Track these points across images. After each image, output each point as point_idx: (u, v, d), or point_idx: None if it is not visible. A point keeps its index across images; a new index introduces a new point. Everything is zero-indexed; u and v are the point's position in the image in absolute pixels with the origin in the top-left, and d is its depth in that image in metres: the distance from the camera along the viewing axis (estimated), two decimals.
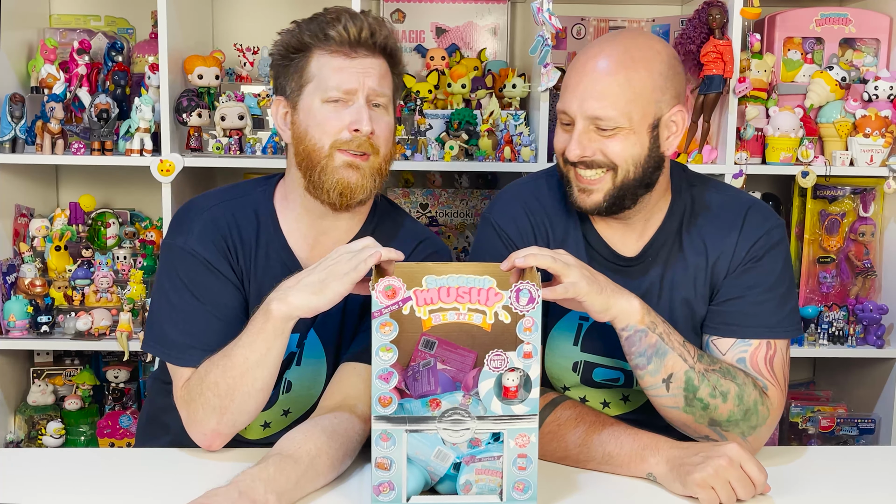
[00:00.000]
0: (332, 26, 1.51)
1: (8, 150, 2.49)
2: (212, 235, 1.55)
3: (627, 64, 1.48)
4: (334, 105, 1.51)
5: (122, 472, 1.46)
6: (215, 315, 1.52)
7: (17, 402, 2.74)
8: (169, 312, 1.54)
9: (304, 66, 1.53)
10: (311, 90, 1.53)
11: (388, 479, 1.26)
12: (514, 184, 1.73)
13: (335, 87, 1.51)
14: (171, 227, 1.61)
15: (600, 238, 1.61)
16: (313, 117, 1.52)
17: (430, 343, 1.46)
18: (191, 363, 1.50)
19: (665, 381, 1.44)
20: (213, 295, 1.53)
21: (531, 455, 1.27)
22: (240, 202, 1.61)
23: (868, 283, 2.70)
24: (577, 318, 1.61)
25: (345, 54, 1.52)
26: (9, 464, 1.52)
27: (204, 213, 1.58)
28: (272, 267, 1.57)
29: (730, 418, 1.45)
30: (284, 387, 1.60)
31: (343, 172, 1.51)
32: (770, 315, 1.53)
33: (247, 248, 1.57)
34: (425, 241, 1.66)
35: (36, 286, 2.53)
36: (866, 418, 2.73)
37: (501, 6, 2.85)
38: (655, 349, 1.42)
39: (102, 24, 2.82)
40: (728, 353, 1.52)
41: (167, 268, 1.56)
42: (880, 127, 2.51)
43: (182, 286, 1.53)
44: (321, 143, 1.51)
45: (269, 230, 1.59)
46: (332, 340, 1.60)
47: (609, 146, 1.50)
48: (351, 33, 1.51)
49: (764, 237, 1.57)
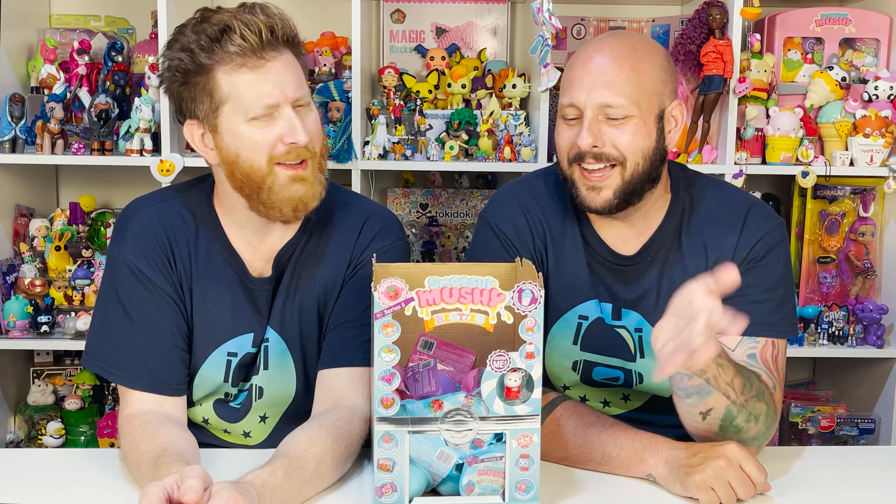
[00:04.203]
0: (228, 40, 1.39)
1: (8, 150, 2.49)
2: (145, 242, 1.51)
3: (631, 56, 1.49)
4: (260, 122, 1.42)
5: (121, 472, 1.45)
6: (143, 332, 1.49)
7: (17, 402, 2.74)
8: (102, 325, 1.52)
9: (211, 88, 1.42)
10: (228, 111, 1.43)
11: (390, 480, 1.26)
12: (511, 183, 1.72)
13: (256, 105, 1.41)
14: (111, 236, 1.58)
15: (598, 237, 1.60)
16: (242, 140, 1.43)
17: (428, 344, 1.46)
18: (123, 381, 1.50)
19: (703, 414, 1.39)
20: (143, 310, 1.50)
21: (533, 455, 1.27)
22: (175, 203, 1.56)
23: (868, 283, 2.71)
24: (577, 316, 1.61)
25: (252, 66, 1.41)
26: (9, 464, 1.52)
27: (139, 218, 1.54)
28: (215, 266, 1.54)
29: (755, 436, 1.43)
30: (256, 393, 1.58)
31: (291, 189, 1.45)
32: (770, 314, 1.53)
33: (185, 249, 1.53)
34: (371, 219, 1.60)
35: (36, 286, 2.53)
36: (866, 418, 2.73)
37: (501, 6, 2.85)
38: (699, 390, 1.37)
39: (102, 24, 2.82)
40: (737, 349, 1.51)
41: (105, 278, 1.54)
42: (880, 127, 2.51)
43: (115, 299, 1.51)
44: (258, 163, 1.43)
45: (210, 230, 1.55)
46: (296, 338, 1.56)
47: (620, 137, 1.49)
48: (251, 41, 1.39)
49: (765, 237, 1.56)
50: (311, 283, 1.55)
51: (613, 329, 1.60)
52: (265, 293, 1.55)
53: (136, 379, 1.49)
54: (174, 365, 1.51)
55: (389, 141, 2.52)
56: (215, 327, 1.54)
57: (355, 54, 2.48)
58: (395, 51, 2.85)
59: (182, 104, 1.47)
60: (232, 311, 1.54)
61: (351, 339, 1.51)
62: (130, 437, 1.42)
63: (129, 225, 1.54)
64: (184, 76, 1.43)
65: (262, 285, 1.55)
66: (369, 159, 2.52)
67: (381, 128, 2.51)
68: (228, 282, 1.54)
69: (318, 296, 1.56)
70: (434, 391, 1.33)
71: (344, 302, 1.55)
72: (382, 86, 2.63)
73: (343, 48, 2.73)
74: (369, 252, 1.55)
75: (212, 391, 1.57)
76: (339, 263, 1.56)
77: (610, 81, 1.48)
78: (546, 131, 2.50)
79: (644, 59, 1.50)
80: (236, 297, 1.54)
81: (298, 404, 1.58)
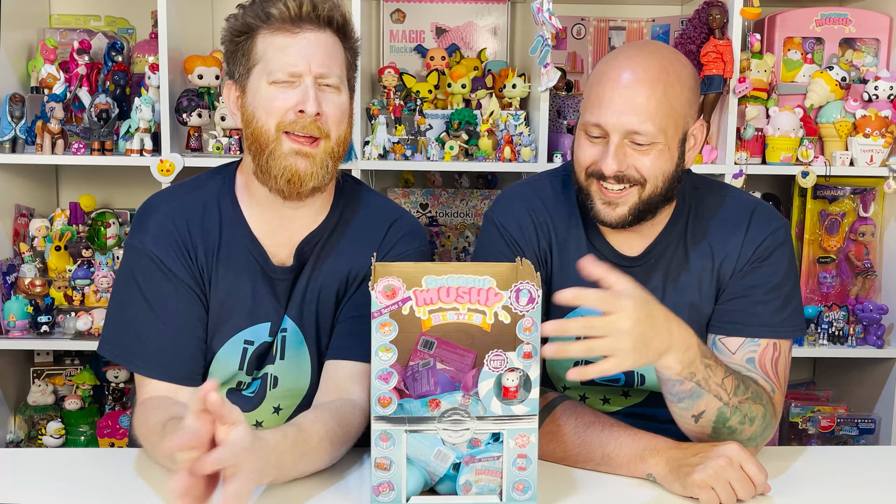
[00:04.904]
0: (272, 4, 1.47)
1: (8, 150, 2.49)
2: (167, 234, 1.53)
3: (663, 78, 1.46)
4: (280, 87, 1.47)
5: (122, 472, 1.45)
6: (162, 320, 1.51)
7: (17, 402, 2.74)
8: (120, 314, 1.54)
9: (250, 49, 1.49)
10: (257, 72, 1.49)
11: (387, 479, 1.26)
12: (518, 184, 1.73)
13: (280, 69, 1.47)
14: (131, 228, 1.60)
15: (603, 239, 1.60)
16: (259, 99, 1.48)
17: (429, 343, 1.46)
18: (139, 369, 1.51)
19: (695, 417, 1.40)
20: (163, 299, 1.51)
21: (531, 455, 1.27)
22: (197, 195, 1.58)
23: (868, 283, 2.70)
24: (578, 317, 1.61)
25: (287, 31, 1.47)
26: (9, 464, 1.52)
27: (161, 211, 1.56)
28: (237, 254, 1.55)
29: (751, 437, 1.43)
30: (271, 383, 1.59)
31: (291, 159, 1.47)
32: (774, 314, 1.53)
33: (208, 242, 1.55)
34: (398, 222, 1.63)
35: (36, 286, 2.53)
36: (866, 418, 2.73)
37: (501, 6, 2.85)
38: (690, 393, 1.37)
39: (102, 24, 2.82)
40: (737, 352, 1.52)
41: (124, 267, 1.56)
42: (880, 127, 2.51)
43: (136, 288, 1.52)
44: (267, 126, 1.47)
45: (231, 219, 1.56)
46: (312, 329, 1.58)
47: (642, 162, 1.47)
48: (291, 9, 1.46)
49: (770, 237, 1.56)
50: (332, 276, 1.57)
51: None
52: (286, 282, 1.56)
53: (153, 368, 1.50)
54: (192, 355, 1.53)
55: (389, 141, 2.52)
56: (234, 315, 1.55)
57: None
58: (395, 51, 2.85)
59: (228, 65, 1.55)
60: (252, 299, 1.55)
61: (360, 334, 1.52)
62: (144, 416, 1.45)
63: (151, 216, 1.56)
64: (232, 36, 1.51)
65: (283, 274, 1.56)
66: (369, 159, 2.52)
67: (381, 128, 2.52)
68: (250, 270, 1.55)
69: (337, 289, 1.57)
70: (432, 390, 1.33)
71: (360, 296, 1.56)
72: (382, 86, 2.63)
73: None
74: (393, 254, 1.58)
75: (226, 379, 1.57)
76: (362, 260, 1.57)
77: (641, 106, 1.44)
78: (546, 131, 2.50)
79: (675, 82, 1.47)
80: (257, 286, 1.55)
81: (313, 396, 1.57)
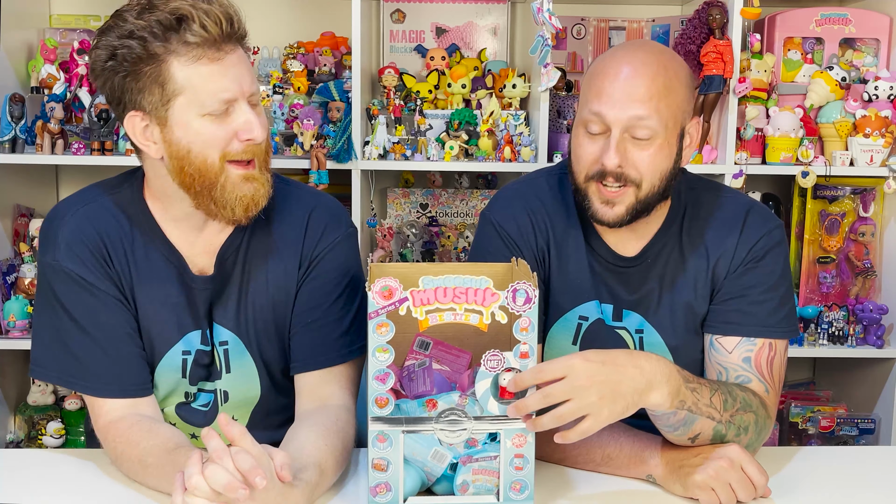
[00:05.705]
0: (186, 29, 1.33)
1: (8, 150, 2.49)
2: (79, 246, 1.45)
3: (662, 73, 1.45)
4: (217, 118, 1.37)
5: (121, 472, 1.45)
6: (98, 337, 1.45)
7: (17, 402, 2.75)
8: (51, 336, 1.47)
9: (164, 79, 1.34)
10: (182, 105, 1.35)
11: (384, 479, 1.26)
12: (515, 182, 1.72)
13: (213, 100, 1.35)
14: (39, 242, 1.50)
15: (600, 238, 1.60)
16: (195, 134, 1.37)
17: (425, 343, 1.46)
18: (90, 391, 1.45)
19: (692, 439, 1.40)
20: (92, 316, 1.45)
21: (528, 455, 1.27)
22: (105, 202, 1.50)
23: (868, 283, 2.70)
24: (577, 317, 1.61)
25: (210, 57, 1.34)
26: (9, 464, 1.52)
27: (67, 222, 1.47)
28: (155, 264, 1.48)
29: (747, 444, 1.42)
30: (221, 398, 1.55)
31: (243, 188, 1.41)
32: (771, 314, 1.53)
33: (120, 249, 1.47)
34: (316, 210, 1.55)
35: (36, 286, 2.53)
36: (866, 418, 2.73)
37: (501, 6, 2.85)
38: (684, 421, 1.36)
39: (102, 23, 2.81)
40: (734, 352, 1.52)
41: (43, 287, 1.47)
42: (880, 127, 2.51)
43: (60, 308, 1.45)
44: (210, 159, 1.38)
45: (146, 228, 1.49)
46: (253, 339, 1.53)
47: (641, 158, 1.47)
48: (212, 31, 1.33)
49: (764, 238, 1.56)
50: (263, 281, 1.52)
51: (613, 330, 1.60)
52: (206, 292, 1.50)
53: (104, 387, 1.45)
54: (137, 365, 1.47)
55: (389, 141, 2.53)
56: (165, 328, 1.50)
57: (355, 54, 2.48)
58: (395, 51, 2.85)
59: (125, 95, 1.38)
60: (177, 309, 1.50)
61: (322, 340, 1.50)
62: (123, 437, 1.40)
63: (58, 230, 1.47)
64: (132, 65, 1.35)
65: (203, 284, 1.50)
66: (369, 159, 2.52)
67: (381, 128, 2.52)
68: (170, 280, 1.49)
69: (271, 294, 1.52)
70: (429, 391, 1.32)
71: (307, 301, 1.52)
72: (382, 86, 2.63)
73: (343, 48, 2.73)
74: (322, 246, 1.53)
75: (171, 390, 1.53)
76: (290, 260, 1.52)
77: (643, 98, 1.44)
78: (546, 131, 2.50)
79: (673, 77, 1.46)
80: (178, 296, 1.50)
81: (265, 403, 1.56)
